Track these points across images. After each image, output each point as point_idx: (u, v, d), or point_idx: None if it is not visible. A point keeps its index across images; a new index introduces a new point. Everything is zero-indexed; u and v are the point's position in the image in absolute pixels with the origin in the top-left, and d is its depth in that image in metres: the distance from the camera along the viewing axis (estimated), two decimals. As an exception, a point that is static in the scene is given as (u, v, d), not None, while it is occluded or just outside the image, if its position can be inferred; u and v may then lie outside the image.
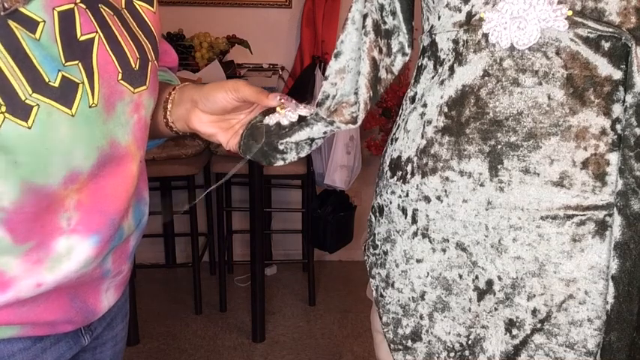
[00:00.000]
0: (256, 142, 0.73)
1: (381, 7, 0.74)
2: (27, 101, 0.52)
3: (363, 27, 0.72)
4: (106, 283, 0.69)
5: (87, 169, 0.59)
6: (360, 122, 0.71)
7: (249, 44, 2.46)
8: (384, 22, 0.75)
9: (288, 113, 0.72)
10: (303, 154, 0.75)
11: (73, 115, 0.56)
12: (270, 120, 0.72)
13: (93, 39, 0.58)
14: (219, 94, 0.71)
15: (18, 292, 0.58)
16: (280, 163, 0.75)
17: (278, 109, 0.72)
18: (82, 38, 0.57)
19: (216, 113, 0.74)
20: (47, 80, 0.54)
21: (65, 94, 0.55)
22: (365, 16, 0.72)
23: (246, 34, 2.50)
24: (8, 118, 0.52)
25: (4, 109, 0.51)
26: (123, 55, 0.62)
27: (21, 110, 0.52)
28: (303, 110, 0.73)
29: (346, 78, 0.74)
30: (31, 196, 0.55)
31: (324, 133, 0.72)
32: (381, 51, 0.74)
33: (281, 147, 0.73)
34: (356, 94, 0.72)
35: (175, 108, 0.76)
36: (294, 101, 0.74)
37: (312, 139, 0.74)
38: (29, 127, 0.53)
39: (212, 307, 2.44)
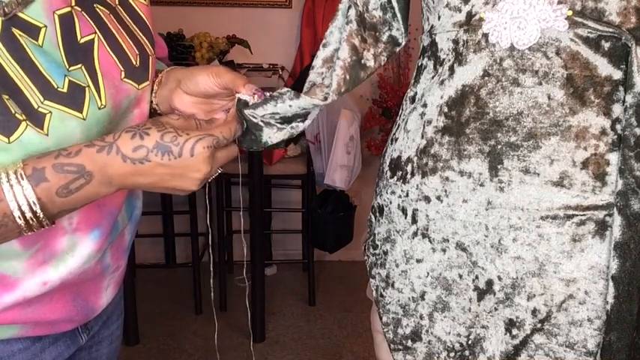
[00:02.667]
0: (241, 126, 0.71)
1: (367, 1, 0.74)
2: (40, 109, 0.53)
3: (346, 17, 0.73)
4: (107, 279, 0.70)
5: None
6: (329, 101, 0.69)
7: (249, 44, 2.46)
8: (371, 16, 0.75)
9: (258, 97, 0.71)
10: (278, 136, 0.71)
11: (84, 119, 0.56)
12: (242, 97, 0.69)
13: (93, 40, 0.58)
14: (201, 76, 0.70)
15: (24, 291, 0.58)
16: (255, 144, 0.72)
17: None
18: (82, 41, 0.57)
19: (198, 95, 0.72)
20: (56, 86, 0.54)
21: (75, 98, 0.55)
22: (349, 7, 0.73)
23: (246, 34, 2.50)
24: (30, 125, 0.52)
25: (24, 116, 0.51)
26: (123, 53, 0.62)
27: (35, 119, 0.52)
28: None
29: (332, 67, 0.75)
30: None
31: (290, 106, 0.68)
32: (364, 40, 0.74)
33: (255, 120, 0.70)
34: (331, 75, 0.71)
35: (161, 89, 0.74)
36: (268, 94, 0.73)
37: (285, 118, 0.71)
38: (46, 135, 0.53)
39: (212, 307, 2.44)
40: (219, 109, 0.74)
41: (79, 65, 0.56)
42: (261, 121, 0.71)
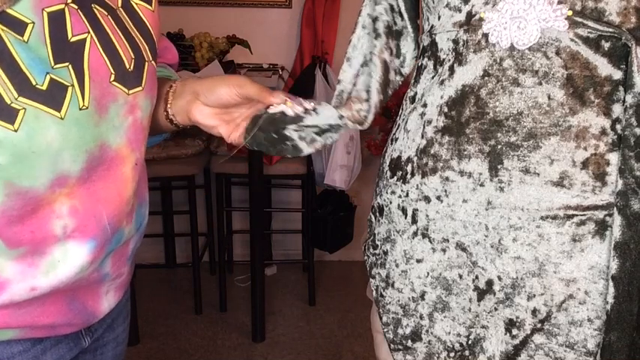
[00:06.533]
0: (261, 131, 0.72)
1: (392, 8, 0.74)
2: (12, 105, 0.52)
3: (375, 30, 0.73)
4: (105, 285, 0.69)
5: (75, 172, 0.58)
6: (368, 124, 0.72)
7: (249, 44, 2.46)
8: (395, 23, 0.75)
9: (294, 105, 0.72)
10: (315, 146, 0.74)
11: (62, 119, 0.55)
12: (275, 109, 0.71)
13: (84, 40, 0.57)
14: (222, 89, 0.70)
15: (12, 294, 0.57)
16: (289, 151, 0.73)
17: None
18: (73, 39, 0.56)
19: (217, 106, 0.73)
20: (34, 83, 0.53)
21: (54, 97, 0.54)
22: (375, 20, 0.73)
23: (246, 34, 2.50)
24: None
25: None
26: (116, 55, 0.61)
27: (6, 114, 0.51)
28: (309, 104, 0.73)
29: (359, 80, 0.76)
30: (16, 199, 0.55)
31: (330, 126, 0.72)
32: (391, 52, 0.74)
33: (287, 133, 0.72)
34: (367, 91, 0.72)
35: (176, 100, 0.75)
36: (299, 99, 0.73)
37: (321, 130, 0.73)
38: (15, 130, 0.52)
39: (212, 307, 2.44)
40: (240, 117, 0.74)
41: (66, 64, 0.55)
42: (299, 136, 0.72)
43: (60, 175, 0.57)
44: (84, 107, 0.57)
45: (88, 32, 0.58)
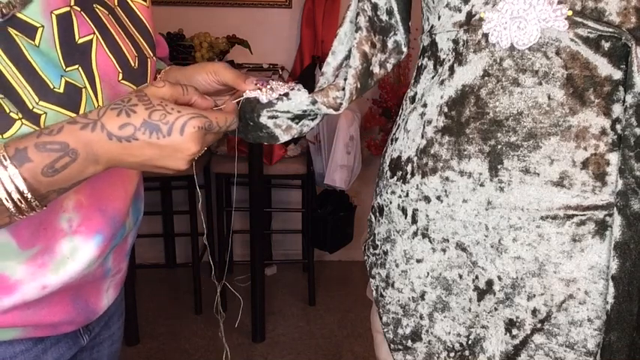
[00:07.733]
0: (239, 119, 0.72)
1: (375, 6, 0.75)
2: (35, 110, 0.52)
3: (356, 24, 0.73)
4: (107, 282, 0.70)
5: None
6: (342, 110, 0.71)
7: (249, 44, 2.46)
8: (380, 20, 0.75)
9: (268, 92, 0.71)
10: (291, 133, 0.73)
11: None
12: (250, 94, 0.71)
13: (91, 41, 0.58)
14: (200, 76, 0.70)
15: (24, 294, 0.58)
16: (264, 139, 0.73)
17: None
18: (81, 41, 0.57)
19: None
20: (52, 87, 0.53)
21: (71, 99, 0.55)
22: (358, 14, 0.73)
23: (246, 34, 2.50)
24: (25, 124, 0.52)
25: (20, 115, 0.51)
26: (121, 54, 0.62)
27: (32, 118, 0.52)
28: (283, 89, 0.72)
29: (341, 73, 0.75)
30: None
31: (304, 111, 0.71)
32: (374, 46, 0.74)
33: (263, 121, 0.72)
34: (345, 79, 0.72)
35: None
36: (273, 83, 0.73)
37: (295, 116, 0.73)
38: None
39: (212, 307, 2.44)
40: (223, 105, 0.74)
41: (76, 66, 0.56)
42: (274, 124, 0.71)
43: None
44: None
45: (94, 33, 0.58)
